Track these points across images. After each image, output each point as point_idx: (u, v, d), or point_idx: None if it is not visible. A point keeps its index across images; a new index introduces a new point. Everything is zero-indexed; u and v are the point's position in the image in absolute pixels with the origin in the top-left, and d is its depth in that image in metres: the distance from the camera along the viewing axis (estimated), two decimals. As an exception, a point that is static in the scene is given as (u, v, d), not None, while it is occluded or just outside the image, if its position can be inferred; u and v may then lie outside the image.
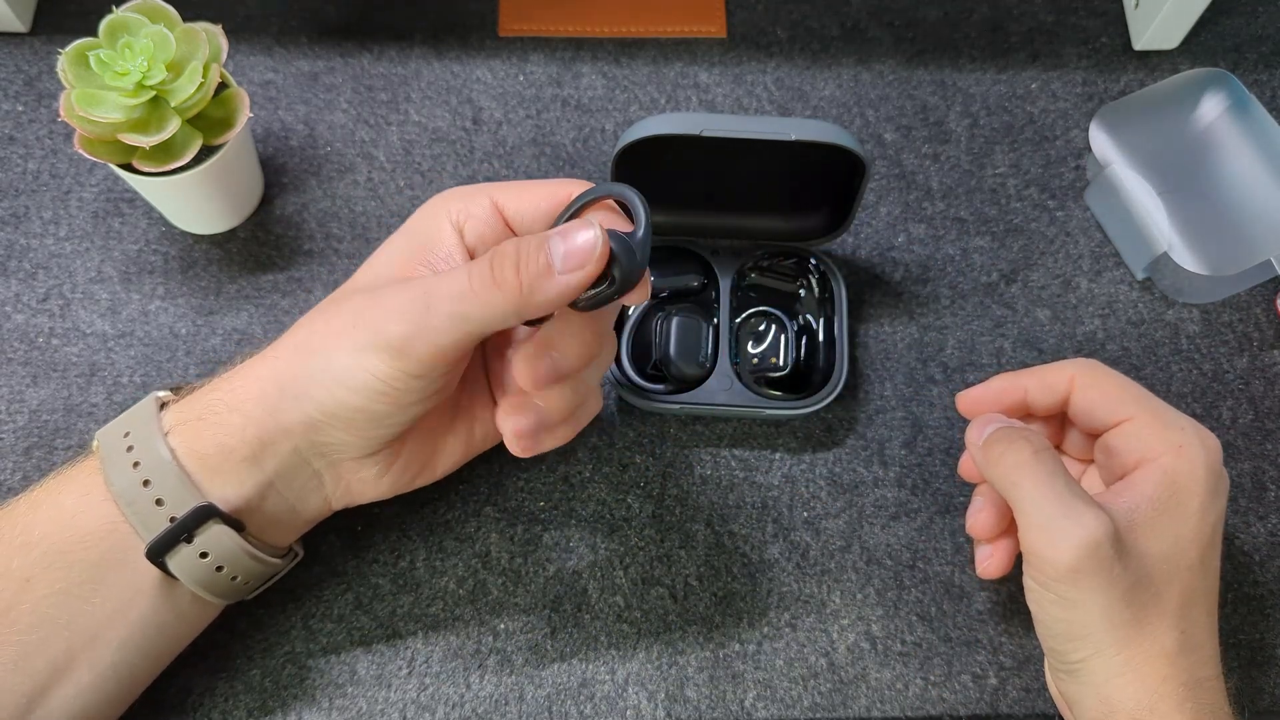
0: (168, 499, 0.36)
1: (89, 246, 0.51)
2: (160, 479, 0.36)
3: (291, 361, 0.37)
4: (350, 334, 0.36)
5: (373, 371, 0.35)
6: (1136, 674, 0.36)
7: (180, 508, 0.36)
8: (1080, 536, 0.35)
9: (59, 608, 0.36)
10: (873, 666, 0.45)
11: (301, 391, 0.37)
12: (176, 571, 0.37)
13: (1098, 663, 0.36)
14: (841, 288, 0.49)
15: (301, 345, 0.38)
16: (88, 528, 0.37)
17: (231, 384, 0.38)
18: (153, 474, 0.36)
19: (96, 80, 0.43)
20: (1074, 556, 0.35)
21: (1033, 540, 0.37)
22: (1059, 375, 0.41)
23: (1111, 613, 0.36)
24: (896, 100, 0.57)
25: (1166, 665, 0.36)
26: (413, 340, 0.35)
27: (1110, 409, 0.40)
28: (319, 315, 0.38)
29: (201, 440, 0.37)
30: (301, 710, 0.43)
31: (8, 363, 0.48)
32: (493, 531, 0.46)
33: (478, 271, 0.34)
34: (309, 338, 0.38)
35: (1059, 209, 0.55)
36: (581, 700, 0.43)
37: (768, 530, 0.47)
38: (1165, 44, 0.58)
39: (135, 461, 0.37)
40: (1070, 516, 0.36)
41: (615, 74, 0.57)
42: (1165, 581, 0.37)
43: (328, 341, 0.37)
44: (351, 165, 0.54)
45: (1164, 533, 0.37)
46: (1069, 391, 0.41)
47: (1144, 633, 0.36)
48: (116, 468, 0.37)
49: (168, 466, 0.36)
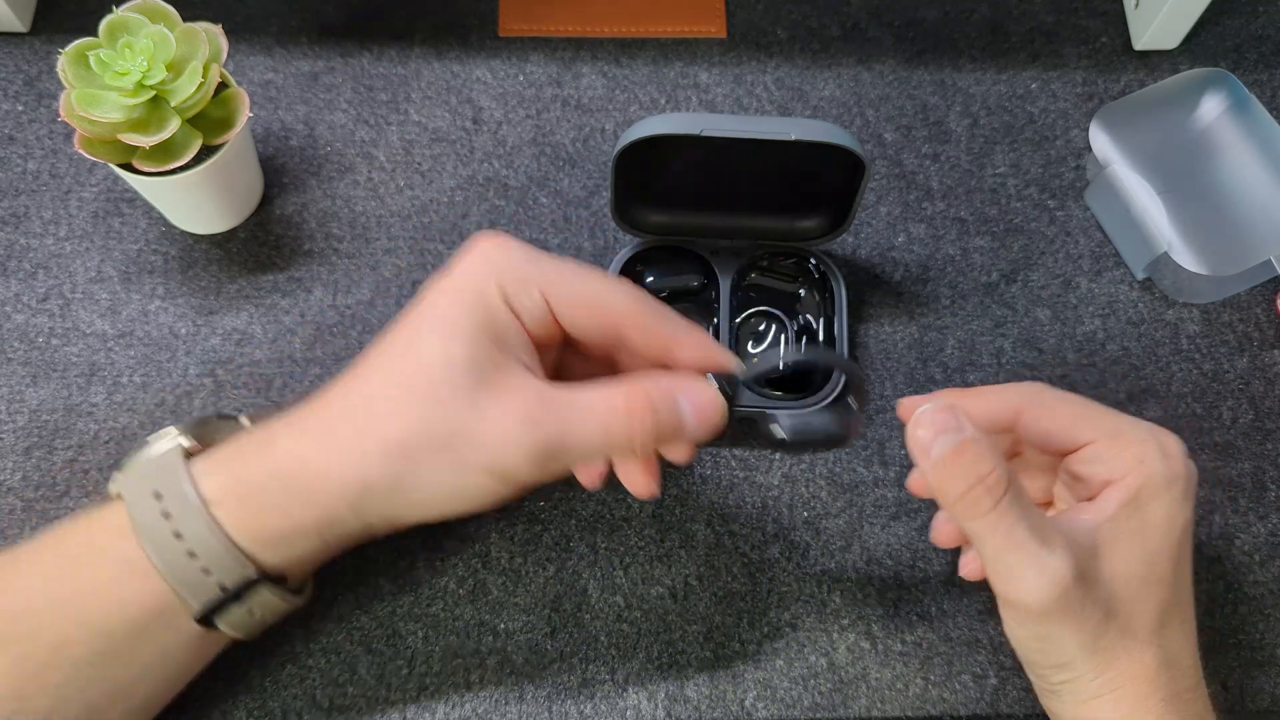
0: (215, 569, 0.36)
1: (89, 246, 0.51)
2: (207, 552, 0.35)
3: (382, 467, 0.35)
4: (461, 452, 0.34)
5: (484, 489, 0.35)
6: (1115, 695, 0.36)
7: (229, 577, 0.36)
8: (1045, 581, 0.35)
9: (97, 667, 0.36)
10: (873, 666, 0.45)
11: (394, 496, 0.35)
12: (223, 627, 0.37)
13: (1078, 686, 0.37)
14: (841, 288, 0.49)
15: (394, 450, 0.35)
16: (127, 596, 0.36)
17: (288, 460, 0.36)
18: (198, 547, 0.35)
19: (96, 80, 0.43)
20: (1040, 600, 0.35)
21: (998, 585, 0.37)
22: (1002, 405, 0.39)
23: (1085, 644, 0.36)
24: (896, 100, 0.57)
25: (1145, 684, 0.36)
26: (532, 473, 0.35)
27: (1065, 435, 0.39)
28: (405, 404, 0.35)
29: (256, 521, 0.36)
30: (301, 710, 0.43)
31: (7, 362, 0.48)
32: (493, 531, 0.46)
33: (618, 425, 0.35)
34: (404, 438, 0.34)
35: (1059, 209, 0.55)
36: (581, 700, 0.43)
37: (768, 530, 0.47)
38: (1165, 44, 0.58)
39: (176, 532, 0.35)
40: (1033, 562, 0.35)
41: (615, 74, 0.57)
42: (1139, 600, 0.36)
43: (431, 456, 0.35)
44: (351, 165, 0.54)
45: (1132, 553, 0.37)
46: (1014, 421, 0.39)
47: (1121, 655, 0.36)
48: (156, 539, 0.35)
49: (216, 543, 0.35)
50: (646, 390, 0.35)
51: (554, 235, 0.53)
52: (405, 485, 0.35)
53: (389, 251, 0.52)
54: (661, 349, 0.37)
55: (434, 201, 0.53)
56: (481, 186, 0.54)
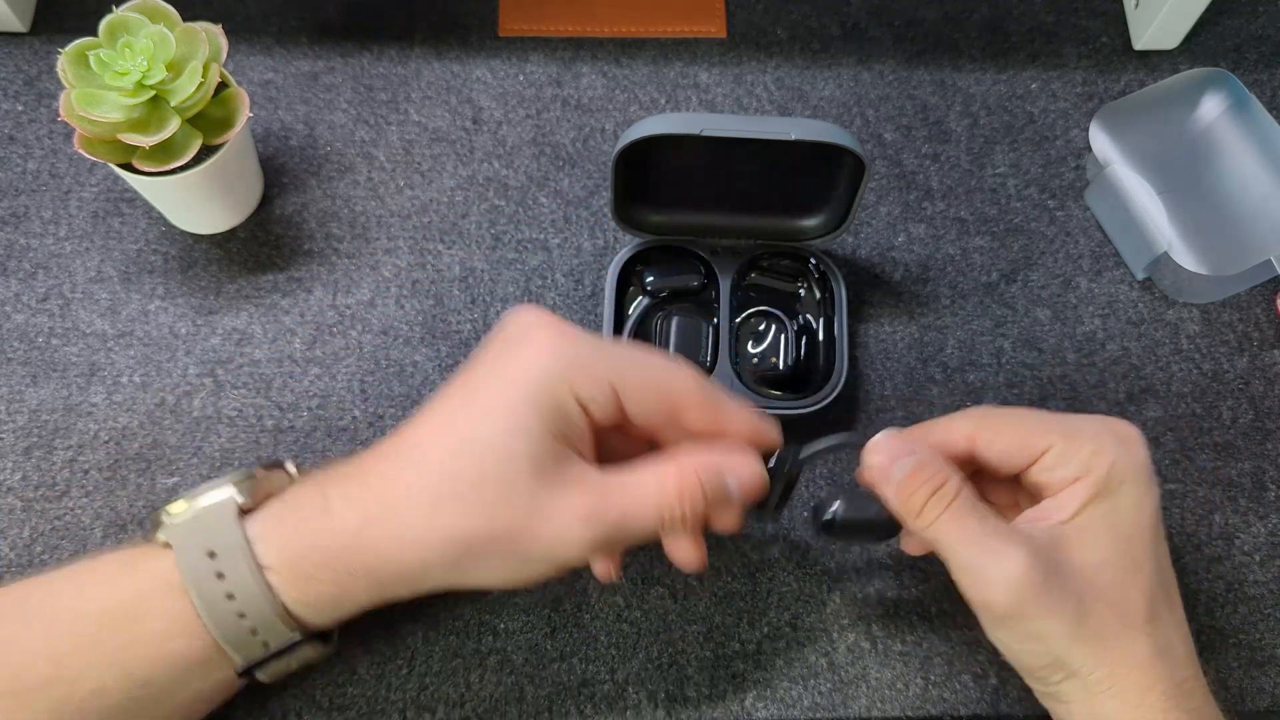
0: (263, 631, 0.36)
1: (89, 246, 0.51)
2: (258, 615, 0.36)
3: (442, 556, 0.36)
4: (523, 546, 0.36)
5: (540, 574, 0.37)
6: (1117, 687, 0.36)
7: (276, 638, 0.37)
8: (1006, 573, 0.35)
9: (130, 713, 0.36)
10: (873, 666, 0.44)
11: (451, 578, 0.37)
12: (260, 676, 0.38)
13: (1076, 684, 0.37)
14: (841, 288, 0.49)
15: (458, 545, 0.36)
16: (173, 650, 0.36)
17: (346, 537, 0.36)
18: (249, 609, 0.36)
19: (96, 80, 0.43)
20: (1006, 594, 0.35)
21: (965, 588, 0.37)
22: (956, 435, 0.39)
23: (1068, 633, 0.36)
24: (896, 100, 0.57)
25: (1144, 674, 0.36)
26: (587, 560, 0.38)
27: (1022, 451, 0.38)
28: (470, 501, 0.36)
29: (310, 590, 0.37)
30: (301, 710, 0.43)
31: (7, 362, 0.48)
32: (493, 531, 0.46)
33: (671, 508, 0.36)
34: (468, 536, 0.36)
35: (1059, 209, 0.55)
36: (581, 700, 0.43)
37: (768, 530, 0.47)
38: (1165, 44, 0.58)
39: (229, 594, 0.36)
40: (991, 558, 0.36)
41: (615, 74, 0.57)
42: (1122, 588, 0.36)
43: (493, 549, 0.36)
44: (351, 165, 0.54)
45: (1098, 540, 0.37)
46: (969, 449, 0.39)
47: (1113, 645, 0.36)
48: (207, 598, 0.36)
49: (268, 609, 0.36)
50: (695, 470, 0.37)
51: (554, 235, 0.53)
52: (464, 570, 0.37)
53: (389, 251, 0.52)
54: (714, 427, 0.38)
55: (434, 201, 0.53)
56: (481, 186, 0.54)
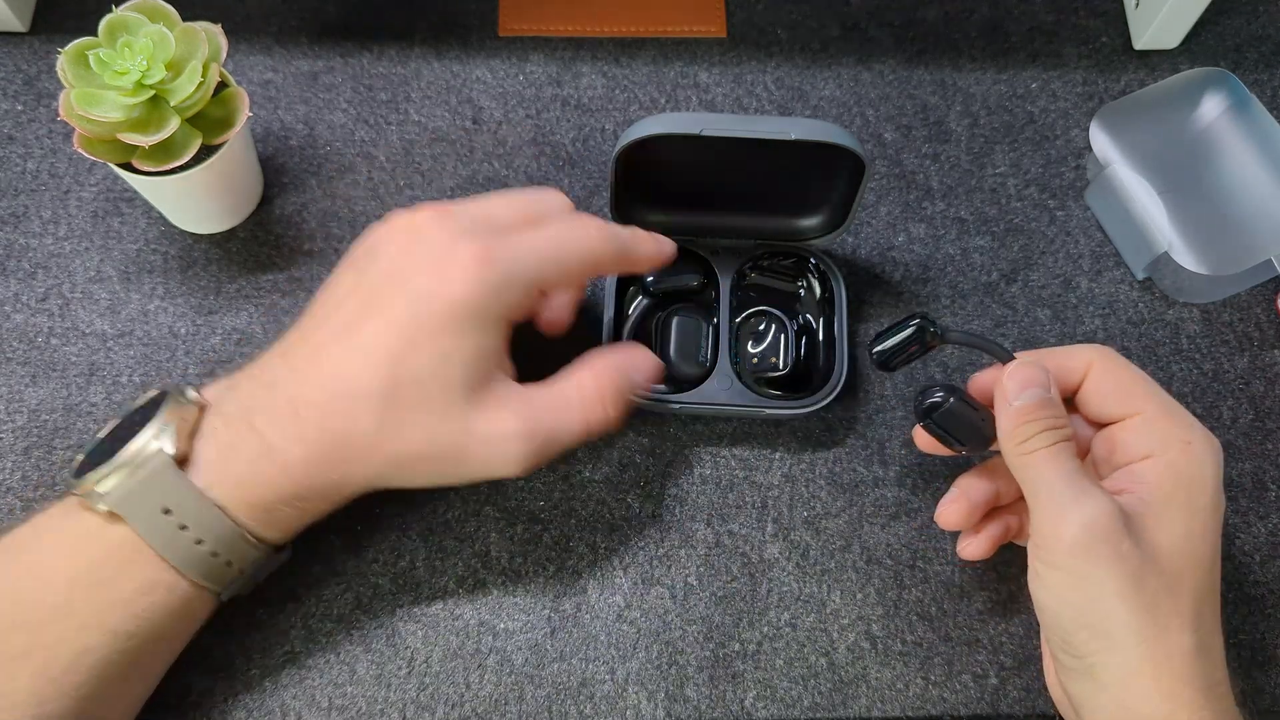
0: (236, 560, 0.38)
1: (88, 246, 0.51)
2: (231, 551, 0.38)
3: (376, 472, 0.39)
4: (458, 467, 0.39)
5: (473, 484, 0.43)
6: (1155, 672, 0.35)
7: (249, 562, 0.39)
8: (1089, 511, 0.36)
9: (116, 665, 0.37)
10: (873, 666, 0.44)
11: (381, 482, 0.40)
12: (228, 595, 0.40)
13: (1113, 657, 0.36)
14: (841, 287, 0.49)
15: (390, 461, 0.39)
16: (155, 601, 0.37)
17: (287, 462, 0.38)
18: (220, 547, 0.37)
19: (96, 79, 0.43)
20: (1082, 530, 0.36)
21: (1041, 519, 0.37)
22: (1078, 360, 0.41)
23: (1124, 593, 0.35)
24: (896, 100, 0.57)
25: (1184, 666, 0.35)
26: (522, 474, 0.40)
27: (1122, 400, 0.40)
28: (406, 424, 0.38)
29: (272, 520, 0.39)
30: (301, 710, 0.43)
31: (7, 362, 0.48)
32: (493, 531, 0.46)
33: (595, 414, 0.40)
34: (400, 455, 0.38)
35: (1059, 209, 0.55)
36: (581, 700, 0.43)
37: (768, 530, 0.47)
38: (1165, 44, 0.58)
39: (198, 539, 0.37)
40: (1079, 495, 0.37)
41: (615, 74, 0.57)
42: (1177, 576, 0.36)
43: (427, 466, 0.39)
44: (351, 165, 0.54)
45: (1173, 526, 0.37)
46: (1084, 377, 0.41)
47: (1160, 627, 0.35)
48: (180, 552, 0.37)
49: (241, 544, 0.38)
50: (599, 371, 0.41)
51: (554, 235, 0.53)
52: (409, 474, 0.39)
53: (389, 251, 0.52)
54: (629, 269, 0.45)
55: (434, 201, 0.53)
56: (481, 186, 0.54)
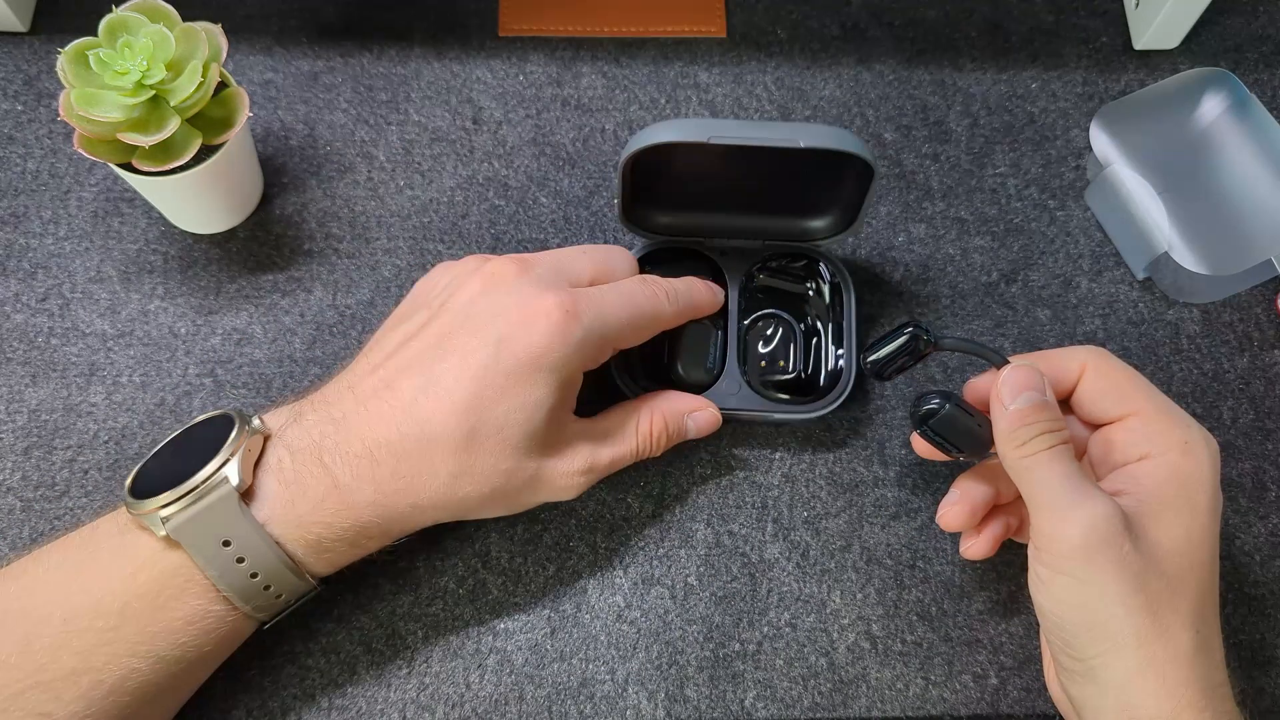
0: (286, 593, 0.39)
1: (89, 246, 0.51)
2: (282, 585, 0.39)
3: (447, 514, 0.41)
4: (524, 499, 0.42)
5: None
6: (1158, 673, 0.35)
7: (296, 594, 0.40)
8: (1090, 515, 0.36)
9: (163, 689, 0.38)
10: (873, 666, 0.44)
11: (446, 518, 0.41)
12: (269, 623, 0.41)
13: (1116, 659, 0.36)
14: (851, 292, 0.49)
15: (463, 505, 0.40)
16: (208, 627, 0.38)
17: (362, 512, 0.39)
18: (274, 582, 0.38)
19: (96, 80, 0.43)
20: (1083, 532, 0.36)
21: (1042, 523, 0.37)
22: (1071, 361, 0.41)
23: (1126, 596, 0.35)
24: (896, 100, 0.57)
25: (1186, 667, 0.35)
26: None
27: (1117, 401, 0.40)
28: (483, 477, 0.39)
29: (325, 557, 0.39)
30: (301, 710, 0.43)
31: (7, 362, 0.48)
32: (493, 531, 0.46)
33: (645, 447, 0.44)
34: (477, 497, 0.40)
35: (1059, 209, 0.55)
36: (581, 700, 0.43)
37: (768, 530, 0.47)
38: (1165, 44, 0.58)
39: (252, 573, 0.38)
40: (1079, 498, 0.36)
41: (615, 74, 0.57)
42: (1178, 577, 0.36)
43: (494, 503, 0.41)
44: (351, 165, 0.54)
45: (1173, 528, 0.37)
46: (1078, 378, 0.41)
47: (1161, 628, 0.35)
48: (234, 584, 0.37)
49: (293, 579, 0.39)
50: (665, 416, 0.44)
51: (554, 235, 0.53)
52: (468, 515, 0.41)
53: (389, 251, 0.52)
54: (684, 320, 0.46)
55: (434, 201, 0.53)
56: (481, 186, 0.54)
